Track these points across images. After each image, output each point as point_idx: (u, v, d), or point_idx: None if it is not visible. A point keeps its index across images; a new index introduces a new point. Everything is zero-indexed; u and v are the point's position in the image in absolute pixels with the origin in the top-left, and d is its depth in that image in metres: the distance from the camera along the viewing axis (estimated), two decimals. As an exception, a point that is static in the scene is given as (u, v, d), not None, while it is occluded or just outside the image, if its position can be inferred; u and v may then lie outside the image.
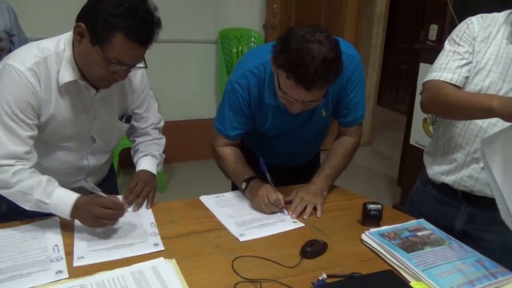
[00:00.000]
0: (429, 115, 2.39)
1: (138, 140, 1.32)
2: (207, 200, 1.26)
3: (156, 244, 1.02)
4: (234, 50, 3.28)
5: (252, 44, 3.35)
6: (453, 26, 1.18)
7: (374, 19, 3.79)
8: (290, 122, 1.29)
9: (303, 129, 1.33)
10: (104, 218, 1.01)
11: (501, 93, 1.05)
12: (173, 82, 3.21)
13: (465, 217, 1.17)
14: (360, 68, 1.25)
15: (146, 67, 1.07)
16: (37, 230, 1.05)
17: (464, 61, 1.10)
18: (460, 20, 1.16)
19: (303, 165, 1.51)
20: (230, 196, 1.29)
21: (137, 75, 1.22)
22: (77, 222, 1.06)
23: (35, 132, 1.06)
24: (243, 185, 1.25)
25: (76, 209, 1.02)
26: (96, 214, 1.01)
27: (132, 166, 1.31)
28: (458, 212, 1.18)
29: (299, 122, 1.30)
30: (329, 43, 1.01)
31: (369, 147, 4.11)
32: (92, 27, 0.95)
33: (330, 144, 1.39)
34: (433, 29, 2.64)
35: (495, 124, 1.06)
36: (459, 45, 1.11)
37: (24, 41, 1.88)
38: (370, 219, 1.14)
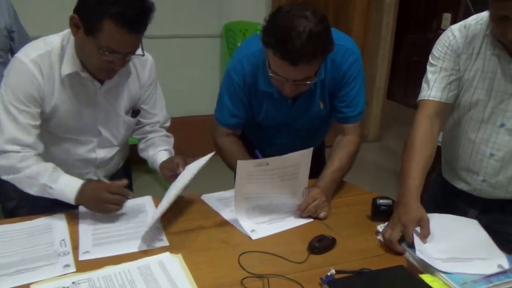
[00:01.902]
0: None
1: (149, 135, 1.34)
2: (209, 199, 1.26)
3: (160, 240, 1.04)
4: (239, 44, 3.28)
5: (258, 37, 3.35)
6: (468, 15, 1.16)
7: (384, 9, 3.75)
8: (285, 113, 1.30)
9: (300, 121, 1.34)
10: (111, 203, 1.05)
11: (488, 109, 1.09)
12: (177, 78, 3.21)
13: (479, 207, 1.20)
14: (359, 63, 1.25)
15: (143, 54, 1.09)
16: (44, 225, 1.08)
17: (452, 77, 1.12)
18: (476, 8, 1.16)
19: None
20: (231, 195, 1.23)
21: (146, 69, 1.24)
22: (81, 217, 1.09)
23: (38, 122, 1.10)
24: None
25: (82, 193, 1.06)
26: (103, 199, 1.05)
27: (137, 163, 1.32)
28: (473, 205, 1.20)
29: (295, 113, 1.31)
30: (315, 17, 1.03)
31: (378, 143, 4.09)
32: (84, 17, 0.99)
33: (333, 139, 1.38)
34: (447, 18, 2.62)
35: (488, 140, 1.11)
36: (444, 61, 1.12)
37: (24, 36, 1.89)
38: (380, 214, 1.15)
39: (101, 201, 1.05)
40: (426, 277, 0.91)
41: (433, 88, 1.13)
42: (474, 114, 1.12)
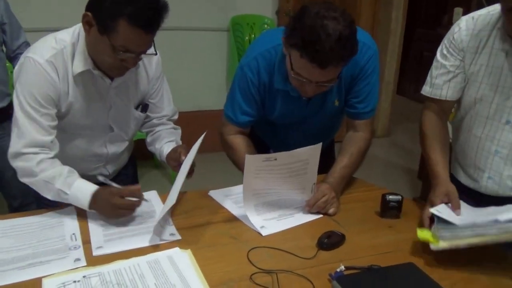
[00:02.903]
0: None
1: (156, 128, 1.35)
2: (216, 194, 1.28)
3: (172, 234, 1.06)
4: (247, 38, 3.28)
5: (265, 31, 3.35)
6: (480, 9, 1.16)
7: (394, 2, 3.73)
8: (299, 110, 1.30)
9: (314, 119, 1.34)
10: (123, 208, 1.06)
11: (493, 105, 1.09)
12: (183, 72, 3.22)
13: (486, 205, 1.19)
14: (375, 59, 1.25)
15: (156, 53, 1.10)
16: (54, 219, 1.10)
17: (451, 75, 1.13)
18: (489, 2, 1.14)
19: None
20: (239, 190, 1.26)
21: (153, 64, 1.25)
22: (90, 212, 1.11)
23: (56, 122, 1.11)
24: None
25: (95, 200, 1.07)
26: (116, 204, 1.05)
27: (144, 158, 1.33)
28: (480, 202, 1.20)
29: (309, 111, 1.31)
30: (344, 20, 1.02)
31: (387, 138, 4.08)
32: (98, 16, 1.00)
33: (343, 134, 1.38)
34: (458, 13, 2.59)
35: (493, 136, 1.11)
36: (446, 57, 1.13)
37: (17, 29, 1.85)
38: (389, 210, 1.16)
39: (114, 207, 1.05)
40: (420, 231, 0.99)
41: (434, 85, 1.16)
42: (479, 110, 1.12)
